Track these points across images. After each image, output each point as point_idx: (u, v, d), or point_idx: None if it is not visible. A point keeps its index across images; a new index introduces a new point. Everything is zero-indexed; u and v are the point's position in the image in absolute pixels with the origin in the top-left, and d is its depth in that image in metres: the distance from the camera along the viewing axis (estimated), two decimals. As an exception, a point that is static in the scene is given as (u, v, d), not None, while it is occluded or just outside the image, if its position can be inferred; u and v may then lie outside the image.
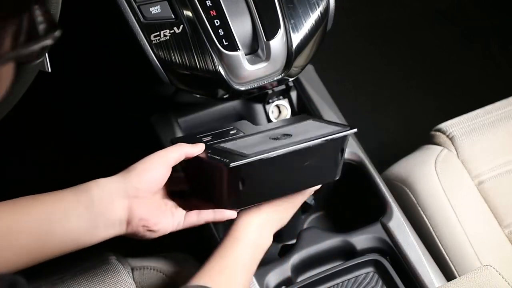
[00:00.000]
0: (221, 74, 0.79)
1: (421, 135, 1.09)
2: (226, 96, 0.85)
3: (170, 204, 0.73)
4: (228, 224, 0.76)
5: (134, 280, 0.82)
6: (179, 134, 0.94)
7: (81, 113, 1.41)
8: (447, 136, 1.02)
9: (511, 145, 1.01)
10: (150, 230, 0.70)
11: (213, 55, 0.79)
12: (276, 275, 0.85)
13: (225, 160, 0.68)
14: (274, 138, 0.75)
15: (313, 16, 0.84)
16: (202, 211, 0.73)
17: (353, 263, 0.86)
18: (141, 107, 1.13)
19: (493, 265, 0.78)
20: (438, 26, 1.74)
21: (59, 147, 1.34)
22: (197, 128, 0.97)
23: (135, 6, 0.77)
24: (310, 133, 0.74)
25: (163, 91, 0.95)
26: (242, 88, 0.82)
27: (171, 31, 0.78)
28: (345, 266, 0.86)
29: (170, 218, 0.71)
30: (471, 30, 1.74)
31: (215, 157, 0.71)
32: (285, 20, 0.82)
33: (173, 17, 0.79)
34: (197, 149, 0.73)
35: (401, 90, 1.62)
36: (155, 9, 0.78)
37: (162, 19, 0.78)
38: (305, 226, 1.02)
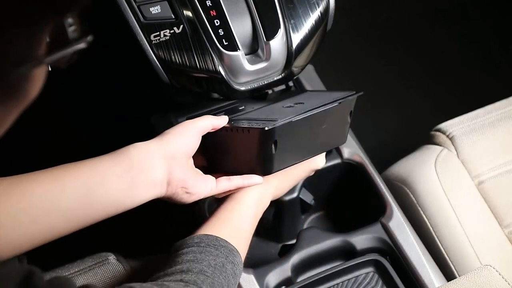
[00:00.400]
0: (221, 74, 0.79)
1: (421, 135, 1.09)
2: (226, 96, 0.85)
3: (198, 172, 0.75)
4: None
5: (134, 280, 0.82)
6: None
7: (81, 113, 1.41)
8: (447, 136, 1.02)
9: (511, 145, 1.01)
10: (187, 193, 0.71)
11: (213, 55, 0.79)
12: (276, 275, 0.85)
13: (261, 124, 0.71)
14: (288, 107, 0.80)
15: (313, 16, 0.84)
16: (232, 176, 0.75)
17: (353, 263, 0.86)
18: (141, 107, 1.13)
19: (493, 265, 0.78)
20: (438, 26, 1.74)
21: (59, 147, 1.34)
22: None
23: (135, 6, 0.77)
24: (320, 99, 0.78)
25: (163, 91, 0.95)
26: (242, 88, 0.82)
27: (171, 31, 0.78)
28: (345, 266, 0.86)
29: (204, 183, 0.73)
30: (471, 30, 1.74)
31: (244, 125, 0.73)
32: (285, 20, 0.82)
33: (173, 17, 0.78)
34: (222, 121, 0.75)
35: (401, 90, 1.62)
36: (155, 9, 0.78)
37: (162, 19, 0.78)
38: (305, 226, 1.02)
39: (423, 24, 1.74)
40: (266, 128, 0.70)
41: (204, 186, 0.73)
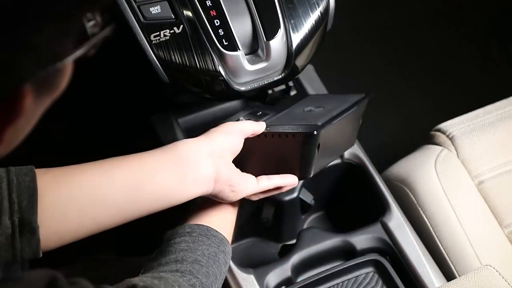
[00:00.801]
0: (221, 74, 0.79)
1: (421, 135, 1.09)
2: (226, 96, 0.85)
3: (240, 171, 0.75)
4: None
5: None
6: (179, 134, 0.94)
7: (81, 113, 1.41)
8: (447, 136, 1.02)
9: (511, 145, 1.01)
10: (233, 191, 0.71)
11: (213, 55, 0.79)
12: (276, 275, 0.85)
13: (307, 129, 0.72)
14: (309, 111, 0.82)
15: (313, 16, 0.84)
16: (271, 176, 0.75)
17: (353, 263, 0.86)
18: (141, 107, 1.13)
19: (493, 265, 0.78)
20: (438, 26, 1.74)
21: (59, 147, 1.34)
22: (197, 129, 0.97)
23: (135, 6, 0.77)
24: (335, 102, 0.81)
25: (163, 91, 0.95)
26: (242, 88, 0.82)
27: (171, 31, 0.78)
28: (345, 266, 0.86)
29: (247, 182, 0.73)
30: (471, 30, 1.74)
31: (289, 131, 0.74)
32: (285, 20, 0.82)
33: (173, 17, 0.78)
34: (261, 127, 0.76)
35: (401, 90, 1.62)
36: (155, 9, 0.78)
37: (162, 19, 0.78)
38: (305, 226, 1.02)
39: (423, 24, 1.74)
40: (315, 132, 0.71)
41: (247, 184, 0.73)
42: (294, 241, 0.90)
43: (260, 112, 0.87)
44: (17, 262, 0.58)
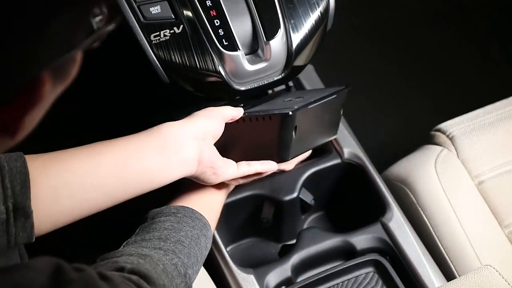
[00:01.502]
0: (221, 74, 0.79)
1: (421, 135, 1.09)
2: (226, 96, 0.85)
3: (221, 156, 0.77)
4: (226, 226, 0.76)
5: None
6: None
7: (81, 113, 1.41)
8: (447, 136, 1.02)
9: (511, 145, 1.01)
10: (215, 173, 0.73)
11: (213, 55, 0.79)
12: (276, 275, 0.85)
13: (282, 110, 0.75)
14: (289, 100, 0.84)
15: (313, 16, 0.84)
16: (251, 162, 0.77)
17: (353, 263, 0.86)
18: (141, 107, 1.13)
19: (493, 265, 0.78)
20: (438, 26, 1.74)
21: (58, 147, 1.33)
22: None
23: (135, 6, 0.77)
24: (315, 95, 0.82)
25: (163, 91, 0.95)
26: (242, 88, 0.82)
27: (171, 31, 0.78)
28: (345, 266, 0.86)
29: (228, 166, 0.75)
30: (471, 30, 1.74)
31: (265, 113, 0.77)
32: (285, 20, 0.82)
33: (173, 17, 0.78)
34: (240, 112, 0.78)
35: (401, 90, 1.62)
36: (155, 9, 0.78)
37: (162, 19, 0.78)
38: (305, 226, 1.02)
39: (423, 24, 1.74)
40: (290, 113, 0.73)
41: (228, 169, 0.75)
42: (294, 241, 0.90)
43: (242, 104, 0.88)
44: (11, 247, 0.58)
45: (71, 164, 0.64)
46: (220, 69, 0.79)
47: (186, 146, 0.70)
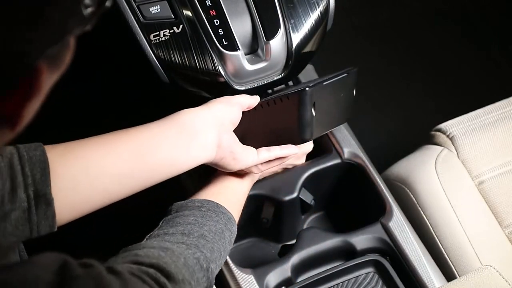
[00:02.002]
0: (221, 74, 0.79)
1: (421, 135, 1.09)
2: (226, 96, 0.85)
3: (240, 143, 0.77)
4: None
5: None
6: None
7: (80, 112, 1.41)
8: (447, 136, 1.02)
9: (511, 145, 1.01)
10: (234, 159, 0.73)
11: (213, 55, 0.79)
12: (276, 275, 0.84)
13: (299, 89, 0.75)
14: (302, 84, 0.85)
15: (313, 16, 0.84)
16: (271, 147, 0.77)
17: (353, 263, 0.86)
18: (141, 107, 1.13)
19: (493, 265, 0.78)
20: (438, 26, 1.74)
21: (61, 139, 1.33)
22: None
23: (135, 6, 0.77)
24: (323, 77, 0.83)
25: (163, 91, 0.95)
26: (242, 88, 0.82)
27: (171, 31, 0.78)
28: (345, 266, 0.85)
29: (248, 152, 0.75)
30: (471, 30, 1.74)
31: (282, 94, 0.77)
32: (285, 20, 0.82)
33: (173, 17, 0.78)
34: (256, 100, 0.78)
35: (401, 90, 1.62)
36: (154, 9, 0.78)
37: (162, 19, 0.78)
38: (305, 226, 1.02)
39: (423, 24, 1.73)
40: (307, 89, 0.74)
41: (248, 154, 0.75)
42: (294, 241, 0.90)
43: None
44: (33, 236, 0.59)
45: (89, 153, 0.64)
46: (220, 69, 0.79)
47: (205, 131, 0.71)
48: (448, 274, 0.90)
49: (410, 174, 0.99)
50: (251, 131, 0.79)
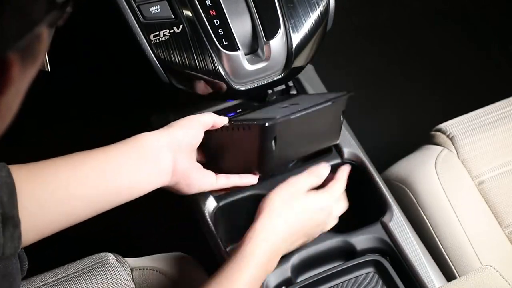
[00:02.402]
0: (221, 74, 0.79)
1: (421, 135, 1.09)
2: (226, 95, 0.85)
3: (200, 166, 0.78)
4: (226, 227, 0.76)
5: (133, 280, 0.82)
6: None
7: (80, 112, 1.41)
8: (447, 136, 1.01)
9: (511, 145, 1.01)
10: (188, 184, 0.75)
11: (212, 55, 0.79)
12: (276, 275, 0.84)
13: (261, 121, 0.73)
14: (284, 107, 0.83)
15: (313, 16, 0.84)
16: (230, 175, 0.79)
17: (353, 263, 0.86)
18: (141, 107, 1.13)
19: (493, 265, 0.78)
20: (438, 26, 1.74)
21: (58, 146, 1.33)
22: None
23: (135, 6, 0.77)
24: (314, 100, 0.80)
25: (163, 91, 0.95)
26: (242, 88, 0.82)
27: (171, 31, 0.78)
28: (345, 267, 0.85)
29: (205, 177, 0.77)
30: (471, 30, 1.74)
31: (246, 123, 0.76)
32: (285, 20, 0.82)
33: (173, 17, 0.78)
34: (223, 120, 0.78)
35: (401, 90, 1.62)
36: (154, 9, 0.78)
37: (162, 19, 0.78)
38: (305, 226, 1.02)
39: (423, 24, 1.73)
40: (267, 124, 0.72)
41: (204, 180, 0.76)
42: (294, 241, 0.90)
43: (240, 110, 0.89)
44: None
45: (55, 175, 0.65)
46: (220, 69, 0.79)
47: (163, 158, 0.72)
48: (448, 274, 0.90)
49: (410, 174, 0.99)
50: (217, 150, 0.79)
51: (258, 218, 0.74)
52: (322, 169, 0.81)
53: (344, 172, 0.83)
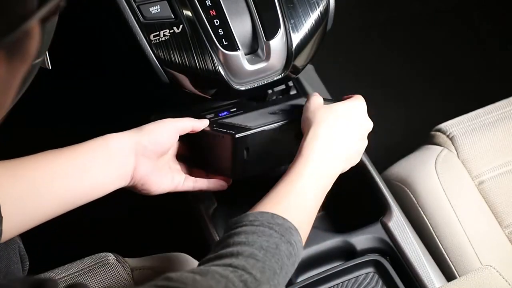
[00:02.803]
0: (221, 74, 0.79)
1: (421, 135, 1.09)
2: (226, 96, 0.85)
3: (174, 167, 0.81)
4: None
5: (133, 280, 0.82)
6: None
7: (80, 112, 1.41)
8: (447, 136, 1.01)
9: (511, 145, 1.01)
10: (143, 189, 0.76)
11: (212, 55, 0.79)
12: (276, 276, 0.84)
13: (231, 132, 0.78)
14: (272, 113, 0.86)
15: (313, 16, 0.84)
16: (198, 179, 0.81)
17: (353, 263, 0.86)
18: (141, 107, 1.13)
19: (493, 265, 0.78)
20: (438, 26, 1.74)
21: (57, 146, 1.33)
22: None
23: (135, 6, 0.77)
24: (297, 109, 0.83)
25: (163, 91, 0.95)
26: (242, 88, 0.82)
27: (171, 31, 0.78)
28: (345, 267, 0.85)
29: (169, 181, 0.78)
30: (471, 30, 1.74)
31: (222, 129, 0.80)
32: (285, 20, 0.82)
33: (173, 16, 0.78)
34: (202, 124, 0.80)
35: (401, 90, 1.62)
36: (154, 9, 0.78)
37: (162, 19, 0.78)
38: (305, 226, 1.02)
39: (423, 24, 1.73)
40: (237, 136, 0.76)
41: (168, 184, 0.78)
42: (294, 241, 0.90)
43: (235, 109, 0.90)
44: None
45: (28, 172, 0.66)
46: (220, 69, 0.79)
47: (126, 162, 0.73)
48: (448, 274, 0.90)
49: (410, 174, 0.99)
50: (194, 149, 0.82)
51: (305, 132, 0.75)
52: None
53: (357, 96, 0.85)
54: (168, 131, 0.76)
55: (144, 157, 0.74)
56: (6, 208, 0.62)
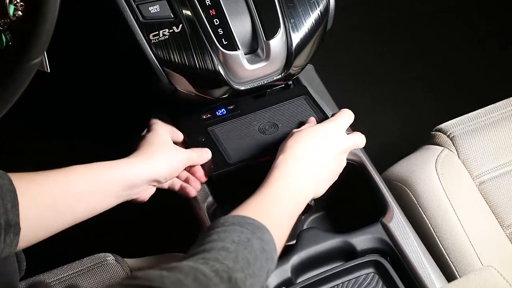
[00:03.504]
0: (221, 74, 0.79)
1: (421, 135, 1.09)
2: (226, 95, 0.84)
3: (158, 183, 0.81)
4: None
5: (133, 281, 0.82)
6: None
7: (80, 113, 1.41)
8: (448, 136, 1.01)
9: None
10: (134, 199, 0.77)
11: (212, 55, 0.78)
12: (276, 276, 0.84)
13: (212, 165, 0.85)
14: (263, 132, 0.89)
15: (313, 16, 0.84)
16: (175, 180, 0.84)
17: (354, 263, 0.86)
18: (140, 107, 1.12)
19: (494, 265, 0.78)
20: (438, 26, 1.74)
21: (58, 147, 1.33)
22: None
23: (134, 6, 0.77)
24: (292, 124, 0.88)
25: (163, 91, 0.95)
26: (242, 88, 0.82)
27: (170, 31, 0.78)
28: (345, 267, 0.85)
29: (148, 192, 0.79)
30: (472, 30, 1.74)
31: (208, 163, 0.85)
32: (285, 19, 0.82)
33: (172, 16, 0.78)
34: (204, 159, 0.84)
35: (401, 90, 1.62)
36: (154, 9, 0.78)
37: (161, 19, 0.78)
38: (305, 226, 1.01)
39: (423, 24, 1.73)
40: (213, 173, 0.84)
41: (151, 193, 0.80)
42: (294, 242, 0.90)
43: (232, 106, 0.92)
44: None
45: (51, 185, 0.66)
46: (220, 68, 0.79)
47: (136, 190, 0.75)
48: (449, 275, 0.90)
49: (410, 174, 0.99)
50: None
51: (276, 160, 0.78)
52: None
53: (342, 111, 0.86)
54: (179, 163, 0.79)
55: (151, 186, 0.78)
56: (24, 223, 0.61)
